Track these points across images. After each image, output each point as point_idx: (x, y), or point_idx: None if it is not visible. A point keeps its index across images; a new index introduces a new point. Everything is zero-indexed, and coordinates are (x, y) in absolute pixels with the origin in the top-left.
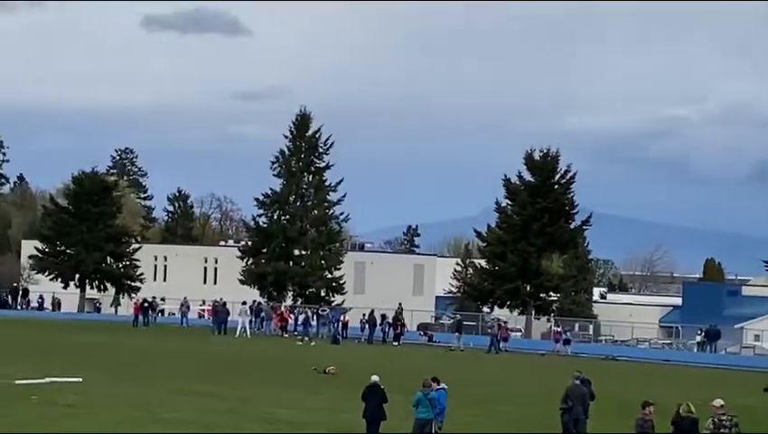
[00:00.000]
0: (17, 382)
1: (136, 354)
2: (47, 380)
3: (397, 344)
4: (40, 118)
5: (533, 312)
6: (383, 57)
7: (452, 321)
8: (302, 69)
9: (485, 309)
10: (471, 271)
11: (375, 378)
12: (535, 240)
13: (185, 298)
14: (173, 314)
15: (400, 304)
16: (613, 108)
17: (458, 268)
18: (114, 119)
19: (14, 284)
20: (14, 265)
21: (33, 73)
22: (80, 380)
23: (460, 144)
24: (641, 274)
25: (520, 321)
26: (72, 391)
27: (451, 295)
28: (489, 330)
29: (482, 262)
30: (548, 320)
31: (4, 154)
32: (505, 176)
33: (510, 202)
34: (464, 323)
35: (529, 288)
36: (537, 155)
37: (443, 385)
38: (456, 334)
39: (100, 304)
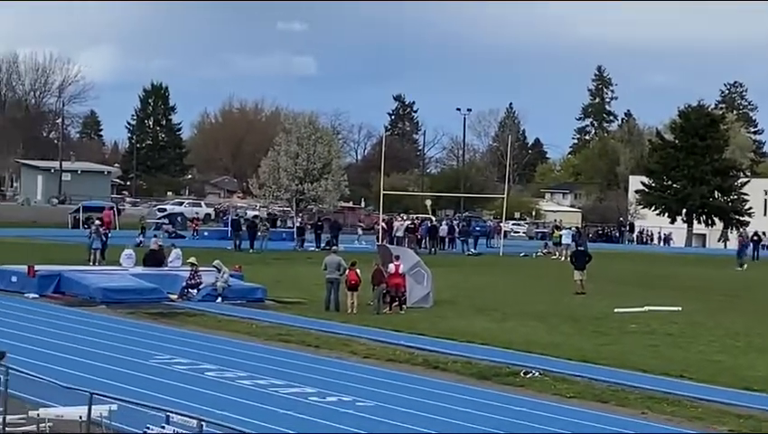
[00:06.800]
0: (616, 310)
1: (740, 286)
2: (645, 309)
3: None
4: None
5: None
6: None
7: None
8: None
9: None
10: None
11: None
12: None
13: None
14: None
15: None
16: None
17: None
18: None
19: (620, 218)
20: (622, 200)
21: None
22: (680, 309)
23: None
24: None
25: None
26: (671, 321)
27: None
28: None
29: None
30: None
31: (612, 91)
32: None
33: None
34: None
35: None
36: None
37: None
38: None
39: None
